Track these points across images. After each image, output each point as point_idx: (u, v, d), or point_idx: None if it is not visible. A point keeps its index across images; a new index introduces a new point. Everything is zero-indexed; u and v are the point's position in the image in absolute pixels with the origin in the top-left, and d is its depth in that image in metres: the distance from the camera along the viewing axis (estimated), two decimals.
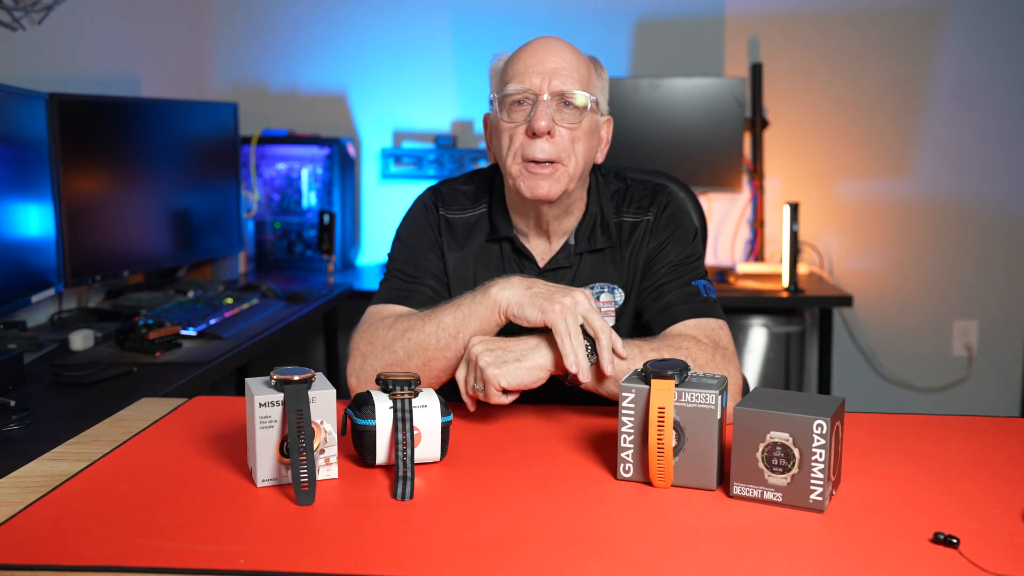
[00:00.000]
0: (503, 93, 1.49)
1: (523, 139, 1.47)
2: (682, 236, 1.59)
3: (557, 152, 1.46)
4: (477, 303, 1.38)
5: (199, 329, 2.32)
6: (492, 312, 1.37)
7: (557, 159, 1.47)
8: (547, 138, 1.46)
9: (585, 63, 1.52)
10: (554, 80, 1.46)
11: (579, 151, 1.49)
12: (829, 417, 1.05)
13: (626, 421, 1.15)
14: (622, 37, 3.58)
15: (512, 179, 1.50)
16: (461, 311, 1.39)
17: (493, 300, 1.37)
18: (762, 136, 3.54)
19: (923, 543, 0.99)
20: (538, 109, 1.45)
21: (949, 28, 3.50)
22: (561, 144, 1.47)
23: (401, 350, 1.42)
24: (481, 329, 1.38)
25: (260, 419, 1.11)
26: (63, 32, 2.62)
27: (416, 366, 1.41)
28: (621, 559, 0.95)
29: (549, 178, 1.47)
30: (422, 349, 1.41)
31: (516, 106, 1.48)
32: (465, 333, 1.38)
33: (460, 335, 1.38)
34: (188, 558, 0.95)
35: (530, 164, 1.47)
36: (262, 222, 3.49)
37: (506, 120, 1.49)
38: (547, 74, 1.46)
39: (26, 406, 1.74)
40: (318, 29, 3.65)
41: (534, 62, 1.47)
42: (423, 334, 1.41)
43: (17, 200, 2.21)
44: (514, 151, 1.48)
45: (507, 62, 1.52)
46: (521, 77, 1.47)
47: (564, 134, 1.47)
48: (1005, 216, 3.57)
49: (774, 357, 3.25)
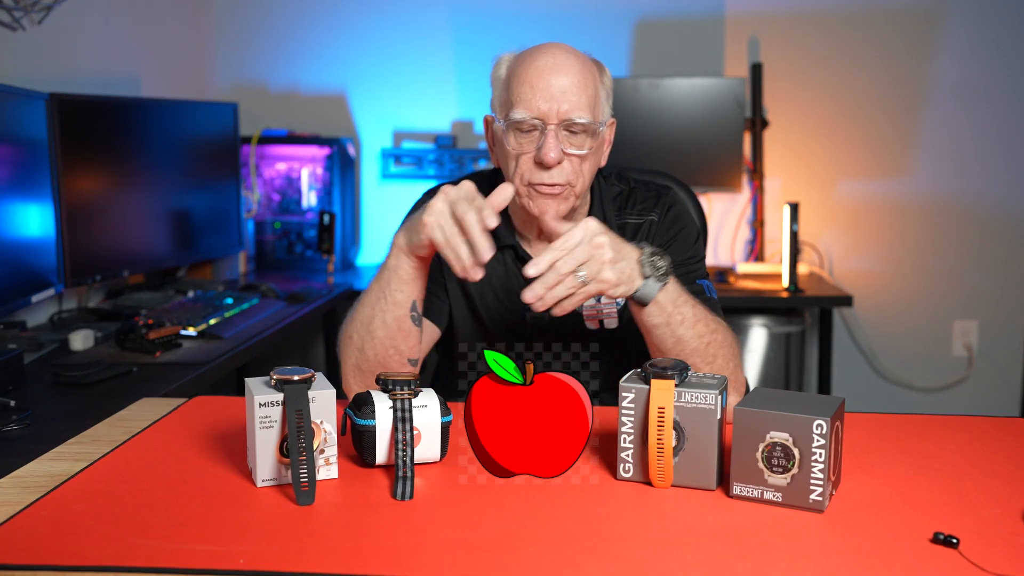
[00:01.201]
0: (510, 119, 1.46)
1: (531, 165, 1.46)
2: (686, 237, 1.59)
3: (566, 177, 1.46)
4: (387, 259, 1.37)
5: (199, 329, 2.32)
6: (397, 258, 1.34)
7: (566, 183, 1.46)
8: (556, 166, 1.45)
9: (591, 78, 1.48)
10: (563, 106, 1.43)
11: (586, 171, 1.49)
12: (829, 417, 1.05)
13: (626, 421, 1.15)
14: (622, 37, 3.58)
15: (520, 198, 1.49)
16: (380, 272, 1.38)
17: (394, 245, 1.35)
18: (762, 136, 3.54)
19: (923, 543, 0.99)
20: (547, 141, 1.43)
21: (949, 28, 3.50)
22: (570, 169, 1.46)
23: (355, 334, 1.41)
24: (401, 279, 1.35)
25: (260, 419, 1.12)
26: (63, 32, 2.62)
27: (374, 345, 1.39)
28: (621, 559, 0.95)
29: (557, 198, 1.47)
30: (367, 322, 1.39)
31: (523, 133, 1.46)
32: (391, 290, 1.36)
33: (387, 294, 1.36)
34: (188, 558, 0.95)
35: (539, 186, 1.46)
36: (262, 222, 3.49)
37: (513, 145, 1.47)
38: (555, 99, 1.43)
39: (26, 406, 1.74)
40: (318, 29, 3.65)
41: (542, 85, 1.44)
42: (362, 309, 1.40)
43: (17, 200, 2.21)
44: (520, 174, 1.47)
45: (511, 77, 1.48)
46: (528, 103, 1.44)
47: (573, 160, 1.46)
48: (1005, 216, 3.57)
49: (774, 357, 3.25)
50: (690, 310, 1.36)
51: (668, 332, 1.35)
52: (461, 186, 1.27)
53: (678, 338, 1.36)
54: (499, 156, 1.53)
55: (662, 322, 1.34)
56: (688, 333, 1.35)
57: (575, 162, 1.46)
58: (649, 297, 1.31)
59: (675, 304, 1.34)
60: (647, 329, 1.37)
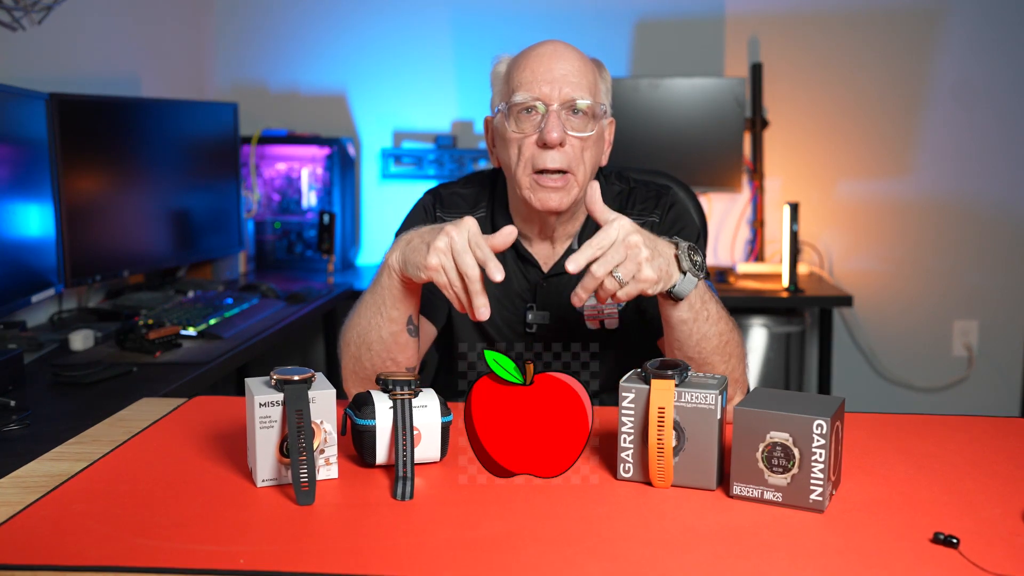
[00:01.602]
0: (511, 102, 1.46)
1: (533, 149, 1.46)
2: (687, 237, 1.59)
3: (568, 162, 1.46)
4: (380, 274, 1.36)
5: (199, 329, 2.32)
6: (391, 278, 1.34)
7: (568, 168, 1.46)
8: (558, 148, 1.45)
9: (591, 68, 1.50)
10: (564, 88, 1.44)
11: (588, 159, 1.49)
12: (829, 417, 1.05)
13: (626, 421, 1.15)
14: (622, 37, 3.58)
15: (521, 190, 1.49)
16: (375, 287, 1.37)
17: (388, 266, 1.34)
18: (762, 136, 3.54)
19: (923, 543, 0.99)
20: (549, 120, 1.43)
21: (949, 28, 3.50)
22: (572, 154, 1.46)
23: (352, 344, 1.42)
24: (396, 297, 1.34)
25: (260, 419, 1.12)
26: (63, 32, 2.62)
27: (371, 357, 1.40)
28: (621, 559, 0.95)
29: (560, 190, 1.47)
30: (364, 334, 1.39)
31: (524, 115, 1.46)
32: (386, 307, 1.36)
33: (383, 311, 1.36)
34: (188, 558, 0.95)
35: (541, 176, 1.46)
36: (262, 222, 3.49)
37: (515, 130, 1.47)
38: (556, 82, 1.44)
39: (26, 406, 1.74)
40: (318, 29, 3.65)
41: (542, 69, 1.45)
42: (359, 320, 1.40)
43: (17, 200, 2.21)
44: (524, 161, 1.47)
45: (512, 68, 1.50)
46: (529, 85, 1.45)
47: (575, 143, 1.46)
48: (1005, 216, 3.57)
49: (774, 357, 3.25)
50: (715, 307, 1.36)
51: (695, 328, 1.34)
52: (464, 226, 1.24)
53: (703, 335, 1.35)
54: (500, 151, 1.53)
55: (690, 318, 1.33)
56: (712, 330, 1.35)
57: (576, 147, 1.46)
58: (685, 292, 1.30)
59: (703, 300, 1.34)
60: (673, 325, 1.35)
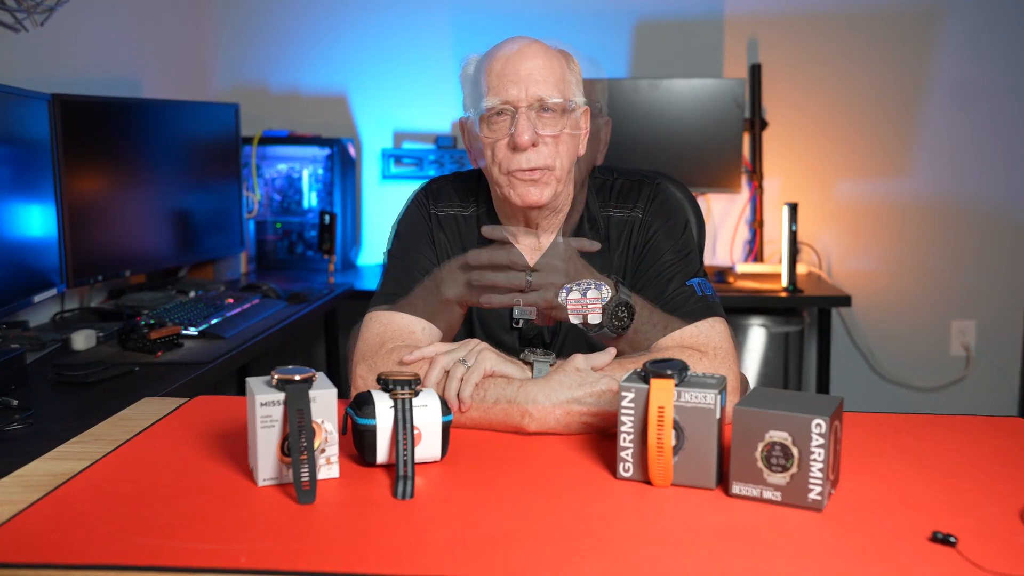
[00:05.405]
0: (480, 109, 1.48)
1: (506, 152, 1.47)
2: (671, 229, 1.57)
3: (543, 160, 1.47)
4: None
5: (200, 329, 2.32)
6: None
7: (543, 166, 1.47)
8: (532, 148, 1.46)
9: (558, 62, 1.50)
10: (531, 88, 1.45)
11: (564, 153, 1.49)
12: (828, 416, 1.06)
13: (626, 420, 1.15)
14: (622, 38, 3.59)
15: (501, 188, 1.50)
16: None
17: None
18: (761, 137, 3.54)
19: (921, 542, 0.99)
20: (519, 123, 1.44)
21: (948, 28, 3.50)
22: (546, 152, 1.47)
23: (360, 380, 1.45)
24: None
25: (261, 418, 1.12)
26: (65, 33, 2.63)
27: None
28: (621, 558, 0.96)
29: (538, 184, 1.48)
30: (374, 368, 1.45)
31: (496, 118, 1.47)
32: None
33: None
34: (189, 557, 0.96)
35: (517, 172, 1.47)
36: (263, 222, 3.50)
37: (487, 134, 1.48)
38: (523, 82, 1.45)
39: (28, 405, 1.74)
40: (318, 29, 3.66)
41: (509, 71, 1.46)
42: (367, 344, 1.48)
43: (19, 200, 2.21)
44: (498, 163, 1.48)
45: (479, 70, 1.51)
46: (497, 89, 1.46)
47: (548, 141, 1.47)
48: (1004, 216, 3.57)
49: (773, 357, 3.25)
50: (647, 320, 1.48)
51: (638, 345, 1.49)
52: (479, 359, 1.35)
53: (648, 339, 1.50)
54: (476, 155, 1.54)
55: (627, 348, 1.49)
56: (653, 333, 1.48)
57: (550, 144, 1.47)
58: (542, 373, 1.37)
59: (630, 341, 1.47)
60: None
